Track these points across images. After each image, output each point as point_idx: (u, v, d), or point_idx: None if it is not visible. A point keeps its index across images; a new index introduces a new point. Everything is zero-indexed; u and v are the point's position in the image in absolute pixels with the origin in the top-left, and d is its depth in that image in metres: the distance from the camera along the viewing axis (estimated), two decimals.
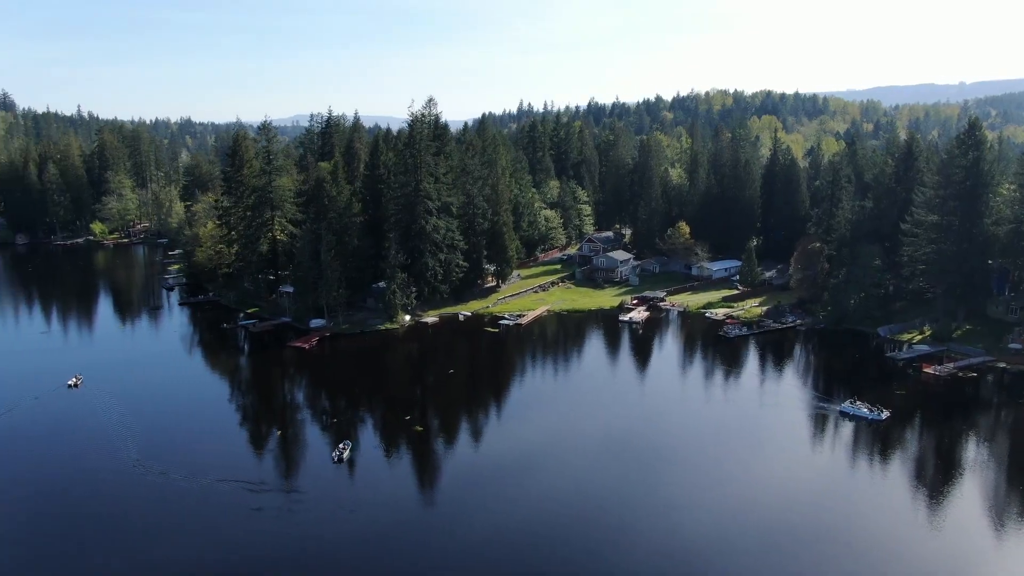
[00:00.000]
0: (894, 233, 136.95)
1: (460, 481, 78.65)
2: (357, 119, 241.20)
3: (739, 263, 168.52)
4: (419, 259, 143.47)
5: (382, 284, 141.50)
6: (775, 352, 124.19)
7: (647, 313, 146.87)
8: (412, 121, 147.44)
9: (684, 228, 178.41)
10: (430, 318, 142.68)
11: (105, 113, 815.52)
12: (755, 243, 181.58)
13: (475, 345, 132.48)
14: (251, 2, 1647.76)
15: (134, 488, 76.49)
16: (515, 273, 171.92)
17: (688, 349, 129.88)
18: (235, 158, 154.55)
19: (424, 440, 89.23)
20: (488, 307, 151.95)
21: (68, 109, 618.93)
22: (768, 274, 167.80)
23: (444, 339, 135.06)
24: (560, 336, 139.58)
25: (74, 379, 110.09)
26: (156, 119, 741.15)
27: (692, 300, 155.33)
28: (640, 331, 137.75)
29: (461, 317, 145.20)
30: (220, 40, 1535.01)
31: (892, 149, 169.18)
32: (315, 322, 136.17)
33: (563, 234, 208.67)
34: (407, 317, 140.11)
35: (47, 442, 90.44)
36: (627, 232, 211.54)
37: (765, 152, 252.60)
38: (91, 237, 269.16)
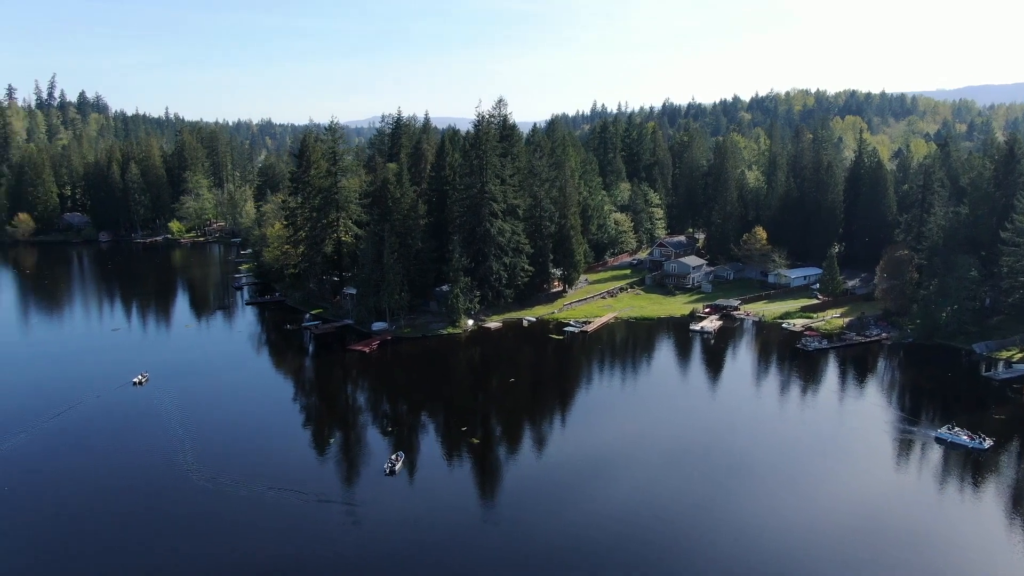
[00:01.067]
0: (992, 242, 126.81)
1: (518, 495, 74.83)
2: (427, 120, 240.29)
3: (819, 271, 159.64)
4: (483, 262, 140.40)
5: (445, 287, 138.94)
6: (857, 367, 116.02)
7: (720, 322, 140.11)
8: (478, 121, 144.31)
9: (761, 233, 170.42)
10: (493, 323, 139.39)
11: (191, 115, 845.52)
12: (837, 250, 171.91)
13: (539, 352, 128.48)
14: (333, 7, 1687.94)
15: (183, 491, 75.39)
16: (582, 278, 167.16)
17: (763, 362, 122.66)
18: (302, 158, 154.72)
19: (482, 451, 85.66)
20: (553, 313, 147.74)
21: (156, 111, 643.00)
22: (851, 283, 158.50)
23: (507, 345, 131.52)
24: (628, 344, 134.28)
25: (140, 377, 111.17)
26: (238, 120, 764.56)
27: (768, 309, 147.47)
28: (712, 341, 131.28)
29: (525, 323, 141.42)
30: (301, 44, 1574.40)
31: (990, 151, 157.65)
32: (377, 325, 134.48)
33: (633, 238, 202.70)
34: (470, 322, 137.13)
35: (105, 439, 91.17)
36: (700, 237, 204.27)
37: (848, 154, 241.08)
38: (169, 235, 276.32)
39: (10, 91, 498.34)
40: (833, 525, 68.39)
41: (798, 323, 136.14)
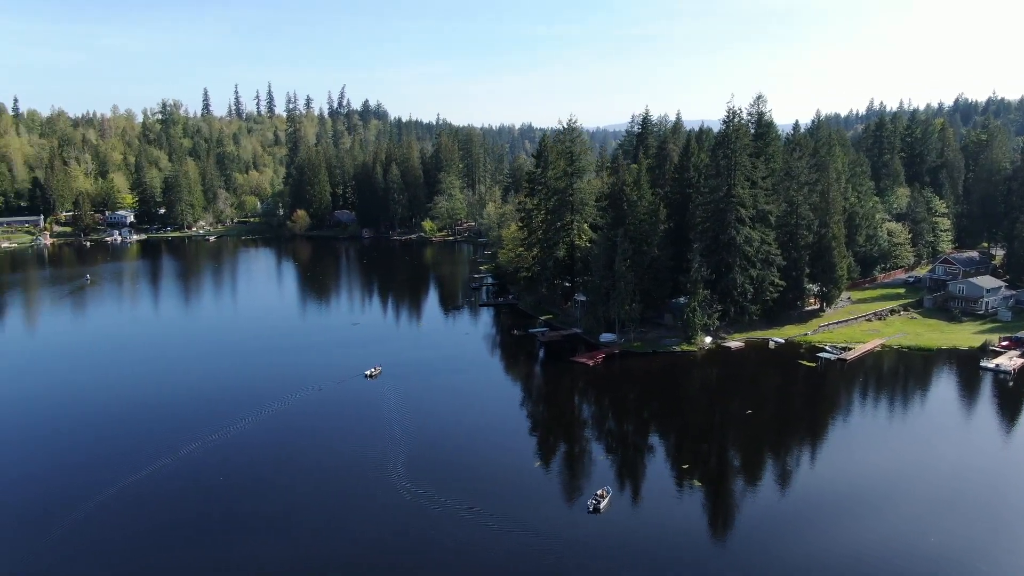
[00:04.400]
0: None
1: (746, 554, 62.06)
2: (678, 120, 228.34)
3: None
4: (726, 274, 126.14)
5: (682, 300, 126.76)
6: None
7: (1022, 360, 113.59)
8: (728, 116, 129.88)
9: None
10: (734, 342, 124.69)
11: (458, 120, 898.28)
12: None
13: (786, 379, 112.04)
14: (597, 15, 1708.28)
15: (383, 494, 72.03)
16: (844, 296, 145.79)
17: None
18: (540, 159, 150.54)
19: (705, 496, 73.54)
20: (806, 335, 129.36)
21: (428, 117, 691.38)
22: None
23: (749, 369, 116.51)
24: (897, 379, 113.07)
25: (372, 369, 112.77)
26: (501, 125, 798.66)
27: None
28: (1011, 383, 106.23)
29: (772, 344, 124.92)
30: (562, 50, 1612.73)
31: None
32: (605, 336, 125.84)
33: (910, 252, 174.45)
34: (707, 339, 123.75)
35: (328, 428, 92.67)
36: (998, 253, 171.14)
37: None
38: (422, 234, 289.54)
39: (308, 102, 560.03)
40: None
41: None
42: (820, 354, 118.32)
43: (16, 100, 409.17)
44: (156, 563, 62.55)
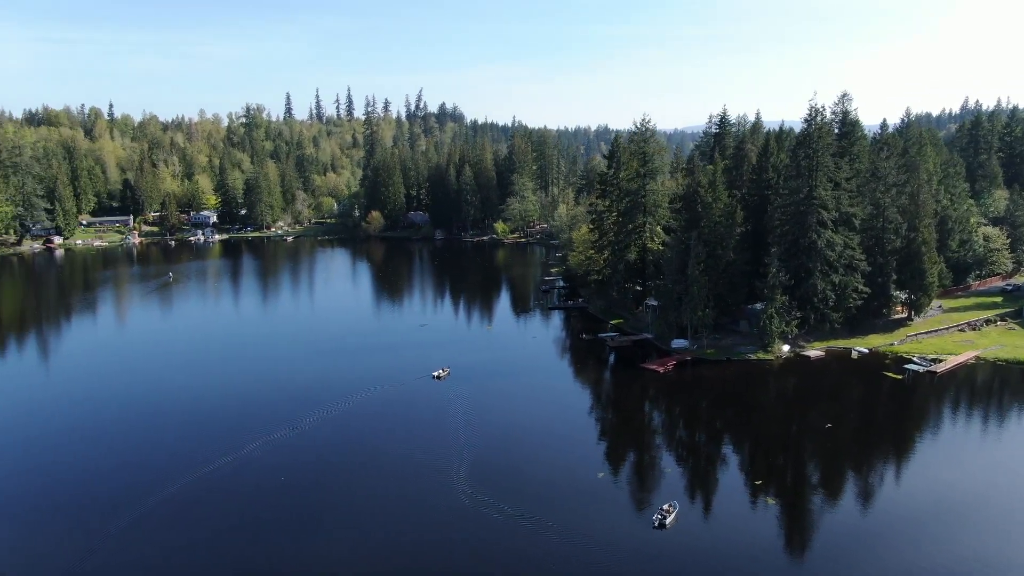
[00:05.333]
0: None
1: (820, 570, 58.23)
2: (758, 119, 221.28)
3: None
4: (806, 280, 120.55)
5: (758, 306, 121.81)
6: None
7: None
8: (810, 114, 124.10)
9: None
10: (814, 351, 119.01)
11: (534, 122, 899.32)
12: None
13: (869, 391, 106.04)
14: (674, 14, 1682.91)
15: (443, 496, 70.75)
16: (935, 304, 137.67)
17: None
18: (612, 160, 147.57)
19: (779, 516, 69.61)
20: (892, 345, 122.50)
21: (504, 120, 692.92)
22: None
23: (829, 379, 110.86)
24: (993, 394, 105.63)
25: (440, 371, 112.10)
26: (577, 127, 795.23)
27: None
28: None
29: (854, 354, 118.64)
30: (639, 51, 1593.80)
31: None
32: (676, 342, 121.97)
33: (1008, 258, 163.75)
34: (785, 347, 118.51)
35: (392, 428, 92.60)
36: None
37: None
38: (494, 235, 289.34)
39: (386, 105, 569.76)
40: None
41: None
42: (907, 366, 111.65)
43: (111, 105, 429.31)
44: (208, 563, 62.79)
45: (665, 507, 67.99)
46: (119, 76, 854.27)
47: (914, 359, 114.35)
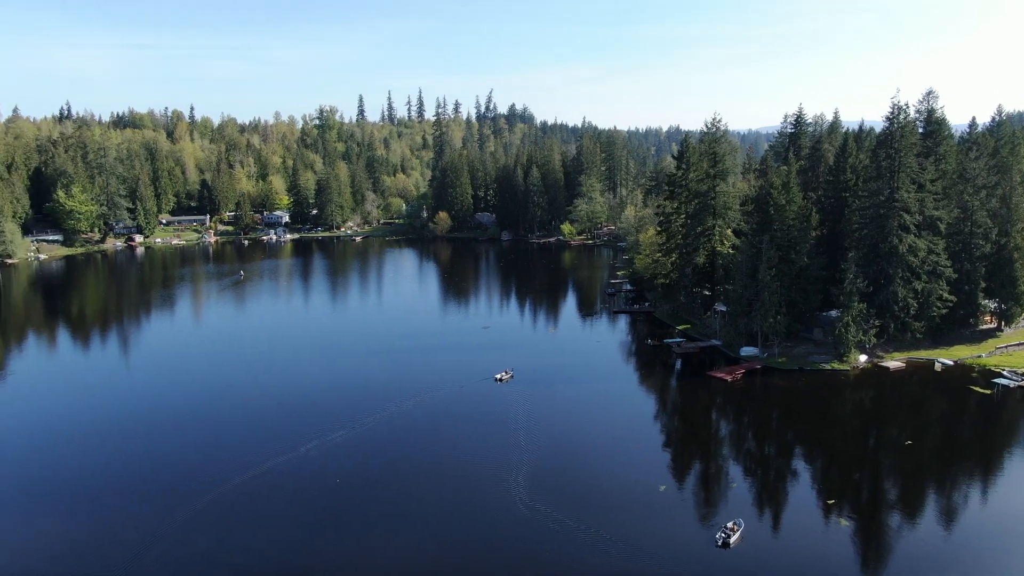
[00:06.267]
0: None
1: None
2: (835, 119, 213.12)
3: None
4: (886, 286, 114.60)
5: (833, 313, 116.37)
6: None
7: None
8: (892, 112, 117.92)
9: None
10: (893, 362, 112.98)
11: (604, 123, 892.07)
12: None
13: (954, 406, 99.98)
14: (748, 13, 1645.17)
15: (501, 504, 69.12)
16: None
17: None
18: (681, 160, 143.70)
19: (854, 538, 65.53)
20: (980, 357, 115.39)
21: (574, 121, 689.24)
22: None
23: (909, 393, 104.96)
24: None
25: (503, 373, 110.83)
26: (647, 128, 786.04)
27: None
28: None
29: (938, 366, 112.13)
30: (715, 51, 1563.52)
31: None
32: (746, 350, 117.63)
33: None
34: (862, 358, 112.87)
35: (452, 431, 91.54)
36: None
37: None
38: (561, 237, 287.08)
39: (456, 106, 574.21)
40: None
41: None
42: (997, 380, 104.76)
43: (192, 108, 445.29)
44: (256, 558, 62.69)
45: (730, 524, 64.71)
46: (201, 80, 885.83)
47: (1004, 373, 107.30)
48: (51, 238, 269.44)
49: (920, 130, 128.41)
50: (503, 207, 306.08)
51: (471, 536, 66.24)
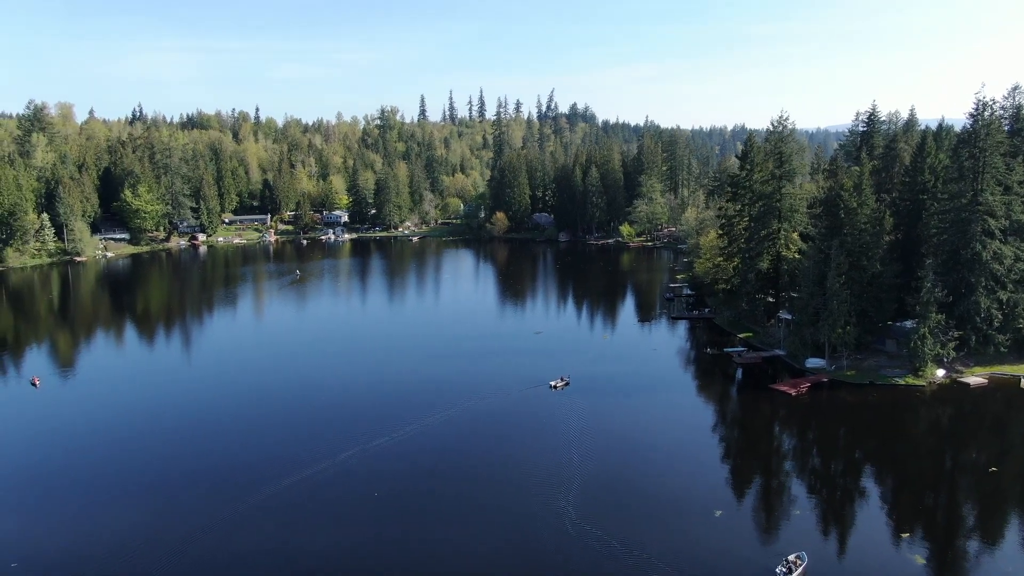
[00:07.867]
0: None
1: None
2: (911, 116, 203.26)
3: None
4: (967, 296, 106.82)
5: (908, 324, 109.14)
6: None
7: None
8: (976, 109, 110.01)
9: None
10: (974, 378, 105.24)
11: (666, 122, 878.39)
12: None
13: None
14: (817, 10, 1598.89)
15: (548, 526, 65.46)
16: None
17: None
18: (745, 161, 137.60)
19: (927, 567, 59.87)
20: None
21: (636, 120, 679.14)
22: None
23: (992, 411, 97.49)
24: None
25: (558, 381, 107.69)
26: (711, 127, 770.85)
27: None
28: None
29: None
30: (781, 49, 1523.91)
31: None
32: (812, 361, 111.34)
33: None
34: (939, 372, 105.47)
35: (499, 441, 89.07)
36: None
37: None
38: (619, 238, 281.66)
39: (517, 106, 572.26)
40: None
41: None
42: None
43: (257, 109, 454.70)
44: (292, 562, 60.72)
45: (791, 558, 59.51)
46: (268, 82, 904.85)
47: None
48: (118, 236, 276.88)
49: (1006, 128, 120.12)
50: (561, 208, 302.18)
51: (512, 550, 63.44)
